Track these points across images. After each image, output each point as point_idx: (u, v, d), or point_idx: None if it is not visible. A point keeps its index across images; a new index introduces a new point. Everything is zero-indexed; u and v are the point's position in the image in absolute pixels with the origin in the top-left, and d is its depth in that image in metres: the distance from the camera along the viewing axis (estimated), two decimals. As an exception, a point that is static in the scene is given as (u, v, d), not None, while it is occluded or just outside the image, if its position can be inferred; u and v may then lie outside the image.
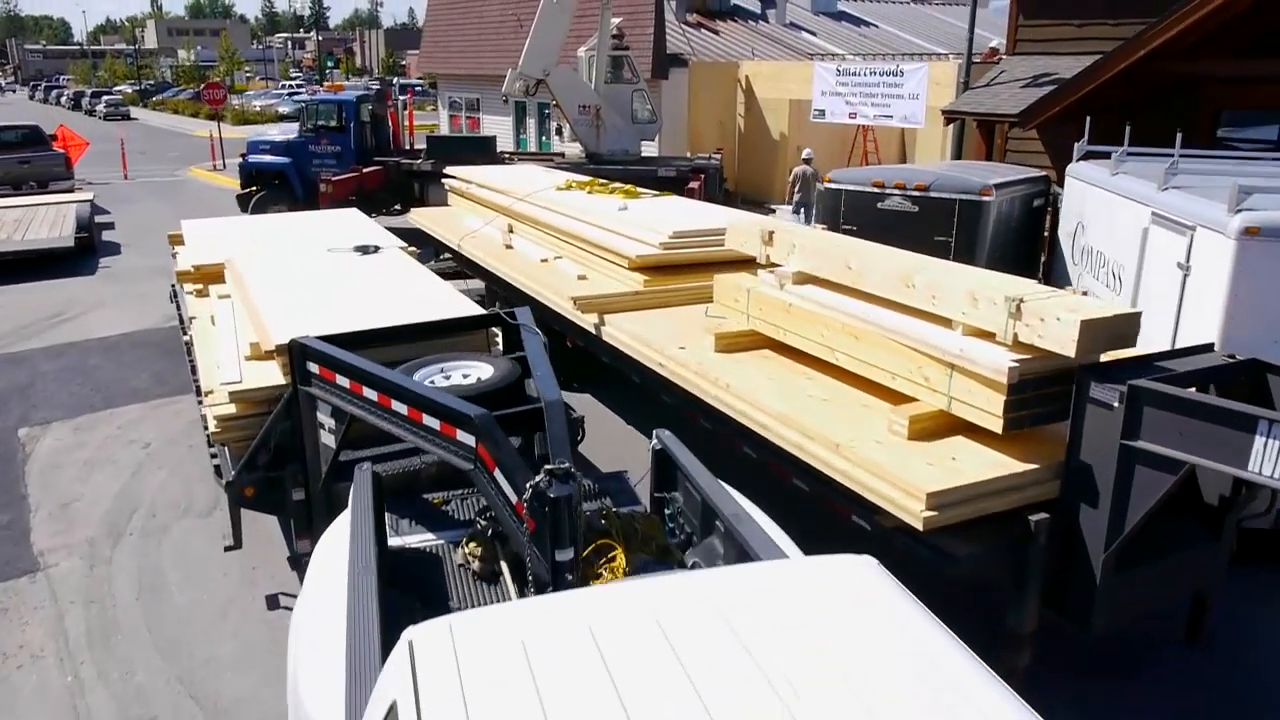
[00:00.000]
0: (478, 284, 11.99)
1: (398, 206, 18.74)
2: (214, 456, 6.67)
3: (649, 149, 19.34)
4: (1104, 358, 5.16)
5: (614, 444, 9.10)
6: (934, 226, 10.10)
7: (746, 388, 6.36)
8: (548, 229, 10.83)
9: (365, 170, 17.47)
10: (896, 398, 5.89)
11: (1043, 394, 5.22)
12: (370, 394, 5.25)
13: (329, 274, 8.22)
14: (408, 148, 19.69)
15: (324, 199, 16.29)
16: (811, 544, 4.22)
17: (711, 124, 22.35)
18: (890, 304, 6.03)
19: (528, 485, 4.13)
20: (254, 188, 18.44)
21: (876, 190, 10.36)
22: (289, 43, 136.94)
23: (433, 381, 5.51)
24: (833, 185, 10.67)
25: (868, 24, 30.12)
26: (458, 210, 13.99)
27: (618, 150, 18.08)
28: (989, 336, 5.32)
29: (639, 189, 11.82)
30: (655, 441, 5.56)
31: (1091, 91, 12.40)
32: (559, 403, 4.77)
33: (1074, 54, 14.52)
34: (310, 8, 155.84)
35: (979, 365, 5.20)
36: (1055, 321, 4.93)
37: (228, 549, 6.30)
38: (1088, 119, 10.65)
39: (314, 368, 5.72)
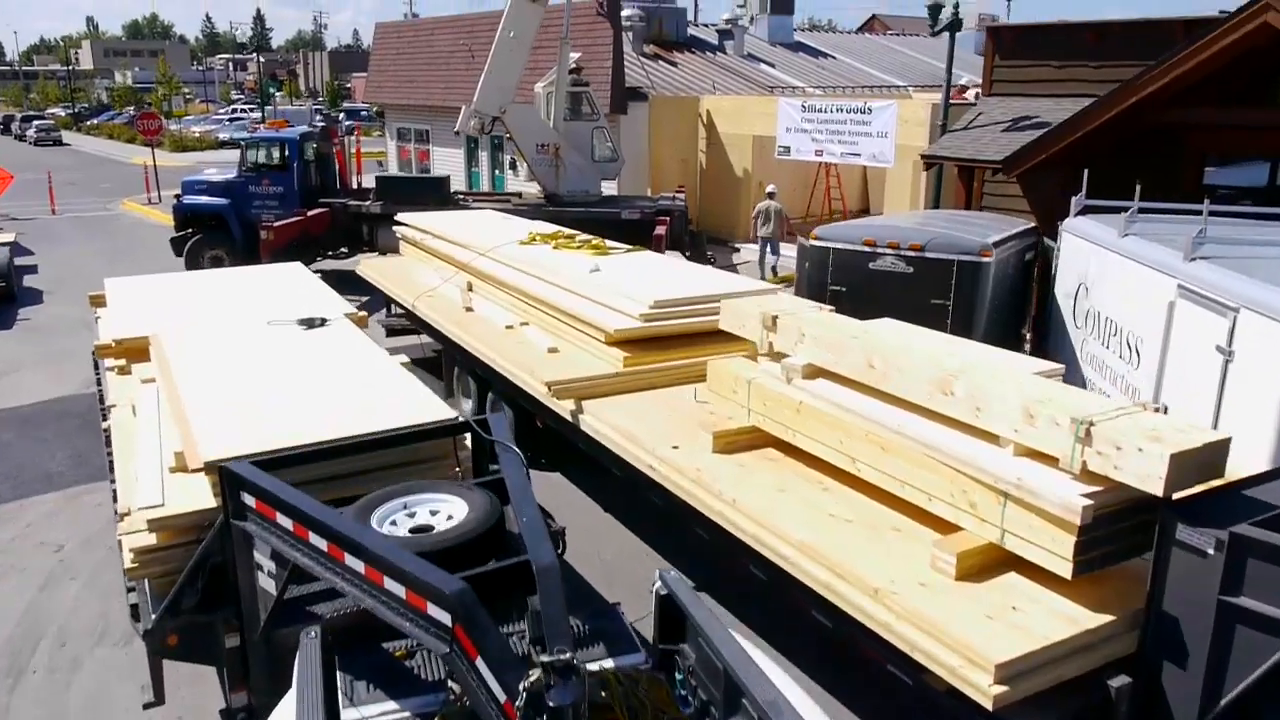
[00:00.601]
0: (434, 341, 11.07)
1: (344, 250, 17.72)
2: (131, 591, 5.66)
3: (609, 188, 18.55)
4: (1186, 489, 4.43)
5: (592, 537, 8.24)
6: (930, 289, 9.42)
7: (757, 505, 5.54)
8: (512, 290, 9.96)
9: (309, 214, 16.43)
10: (932, 519, 5.12)
11: (1117, 530, 4.48)
12: (319, 541, 4.34)
13: (269, 357, 7.24)
14: (355, 187, 18.67)
15: (265, 247, 15.23)
16: (836, 684, 3.40)
17: (672, 160, 21.67)
18: (922, 409, 5.27)
19: (521, 686, 3.28)
20: (189, 230, 17.29)
21: (868, 250, 9.65)
22: (230, 64, 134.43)
23: (394, 523, 4.60)
24: (820, 243, 9.94)
25: (825, 55, 29.78)
26: (410, 261, 13.05)
27: (578, 191, 17.27)
28: (1048, 460, 4.57)
29: (608, 243, 11.00)
30: (659, 584, 4.71)
31: (1078, 139, 11.89)
32: (554, 568, 3.90)
33: (1053, 96, 14.07)
34: (253, 29, 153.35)
35: (1042, 499, 4.43)
36: (1136, 453, 4.18)
37: (147, 706, 5.30)
38: (1085, 172, 10.11)
39: (250, 499, 4.78)
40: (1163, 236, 8.19)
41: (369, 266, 12.95)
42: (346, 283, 16.74)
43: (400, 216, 13.56)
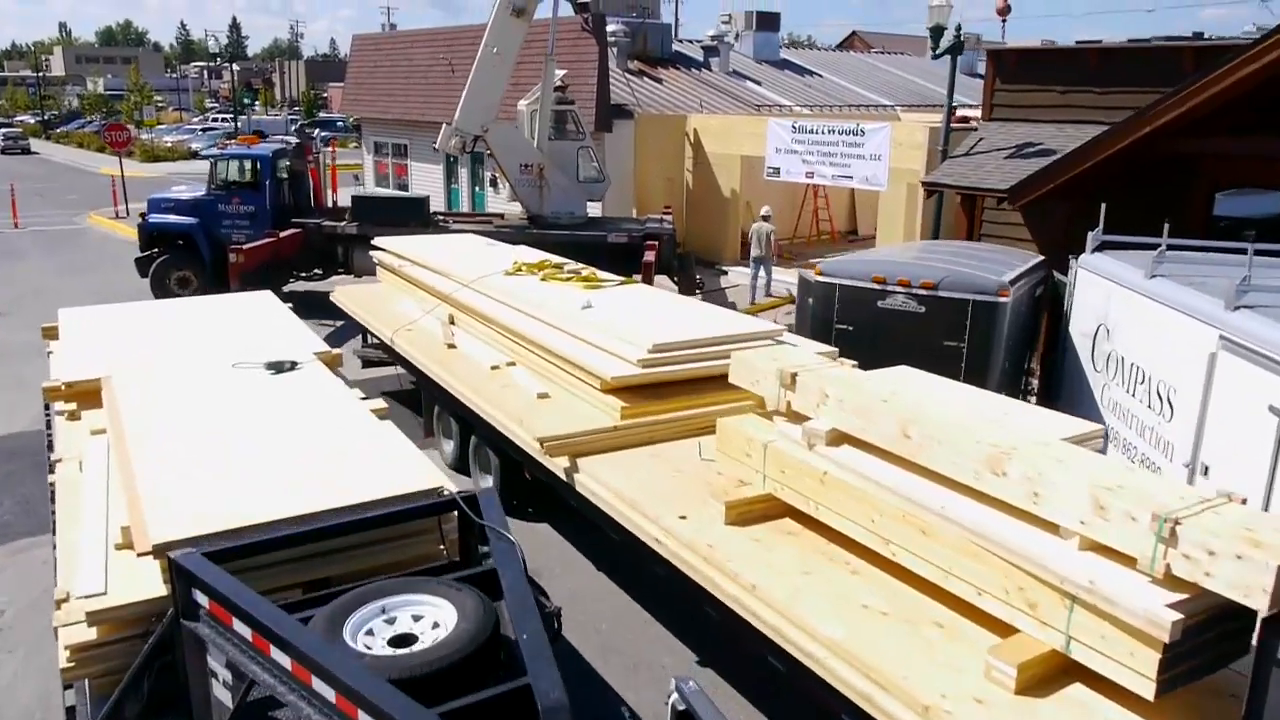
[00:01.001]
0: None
1: (319, 272, 17.01)
2: (68, 689, 4.97)
3: (593, 209, 17.95)
4: None
5: (585, 601, 7.60)
6: (943, 330, 8.88)
7: (779, 591, 4.94)
8: (497, 326, 9.33)
9: (282, 234, 15.71)
10: (980, 614, 4.55)
11: (1203, 641, 3.91)
12: (281, 657, 3.70)
13: (231, 410, 6.56)
14: (331, 206, 17.97)
15: (234, 270, 14.50)
16: None
17: (658, 180, 21.12)
18: (968, 487, 4.69)
19: None
20: (155, 250, 16.52)
21: (876, 287, 9.10)
22: (205, 72, 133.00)
23: (371, 632, 3.95)
24: (826, 279, 9.38)
25: (811, 73, 29.38)
26: (388, 289, 12.39)
27: (563, 212, 16.66)
28: (1122, 558, 4.00)
29: (599, 274, 10.40)
30: (675, 697, 4.12)
31: (1088, 169, 11.43)
32: (563, 708, 3.27)
33: (1056, 122, 13.63)
34: (228, 36, 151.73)
35: (1119, 607, 3.86)
36: (1233, 560, 3.61)
37: (83, 826, 4.61)
38: (1102, 206, 9.59)
39: (203, 597, 4.14)
40: (1196, 279, 7.69)
41: (344, 295, 12.27)
42: (320, 306, 16.06)
43: (378, 241, 12.90)
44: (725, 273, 20.26)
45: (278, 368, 7.54)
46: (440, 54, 25.37)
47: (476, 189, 25.27)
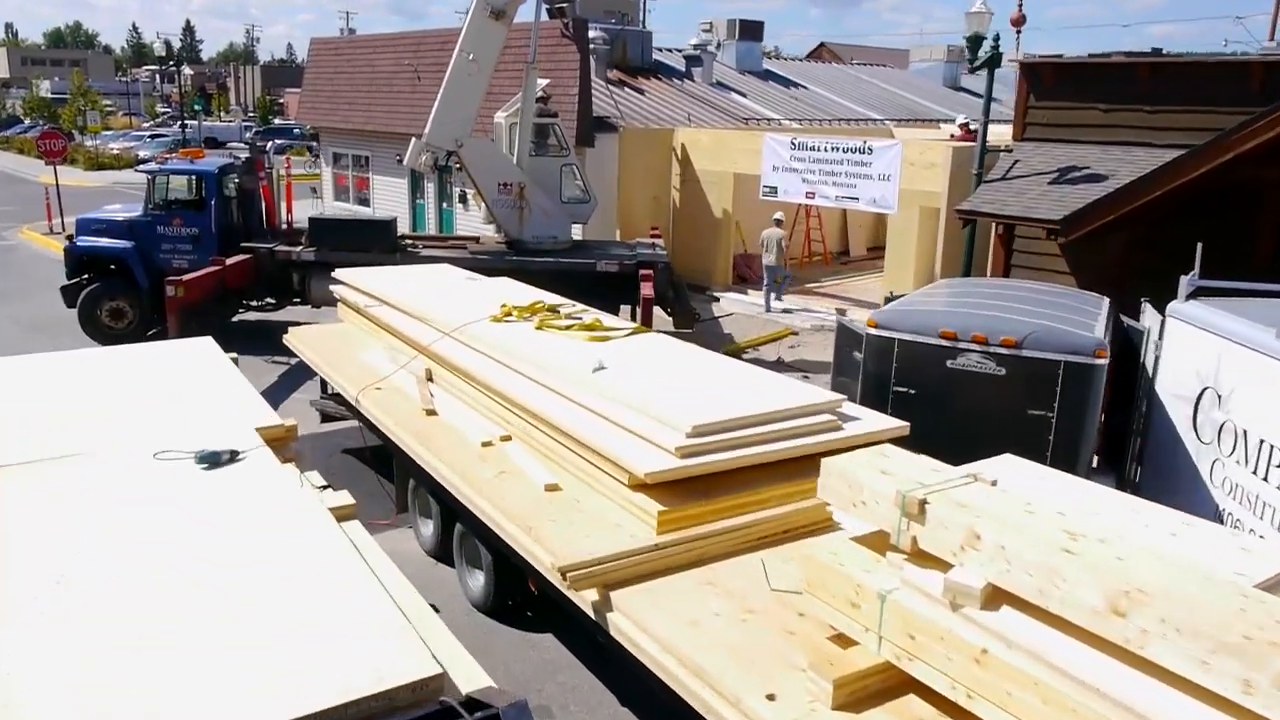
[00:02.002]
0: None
1: (271, 301, 15.23)
2: None
3: (576, 231, 16.35)
4: None
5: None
6: (1027, 396, 7.41)
7: None
8: (487, 390, 7.71)
9: (229, 261, 13.91)
10: None
11: None
12: None
13: (147, 532, 4.88)
14: (285, 227, 16.18)
15: (172, 305, 12.68)
16: None
17: (644, 199, 19.58)
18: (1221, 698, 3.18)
19: None
20: (86, 277, 14.63)
21: (946, 344, 7.61)
22: (157, 76, 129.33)
23: None
24: (881, 332, 7.88)
25: (796, 85, 28.04)
26: (352, 330, 10.70)
27: (545, 236, 15.04)
28: None
29: (604, 320, 8.82)
30: None
31: (1155, 198, 10.08)
32: None
33: (1101, 143, 12.30)
34: (181, 40, 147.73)
35: None
36: None
37: None
38: (1198, 246, 8.20)
39: None
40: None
41: (299, 338, 10.54)
42: (273, 339, 14.31)
43: (340, 274, 11.21)
44: (717, 299, 18.76)
45: (212, 460, 5.85)
46: (405, 60, 23.64)
47: (444, 205, 23.55)
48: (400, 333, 9.35)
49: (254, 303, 15.18)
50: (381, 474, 9.60)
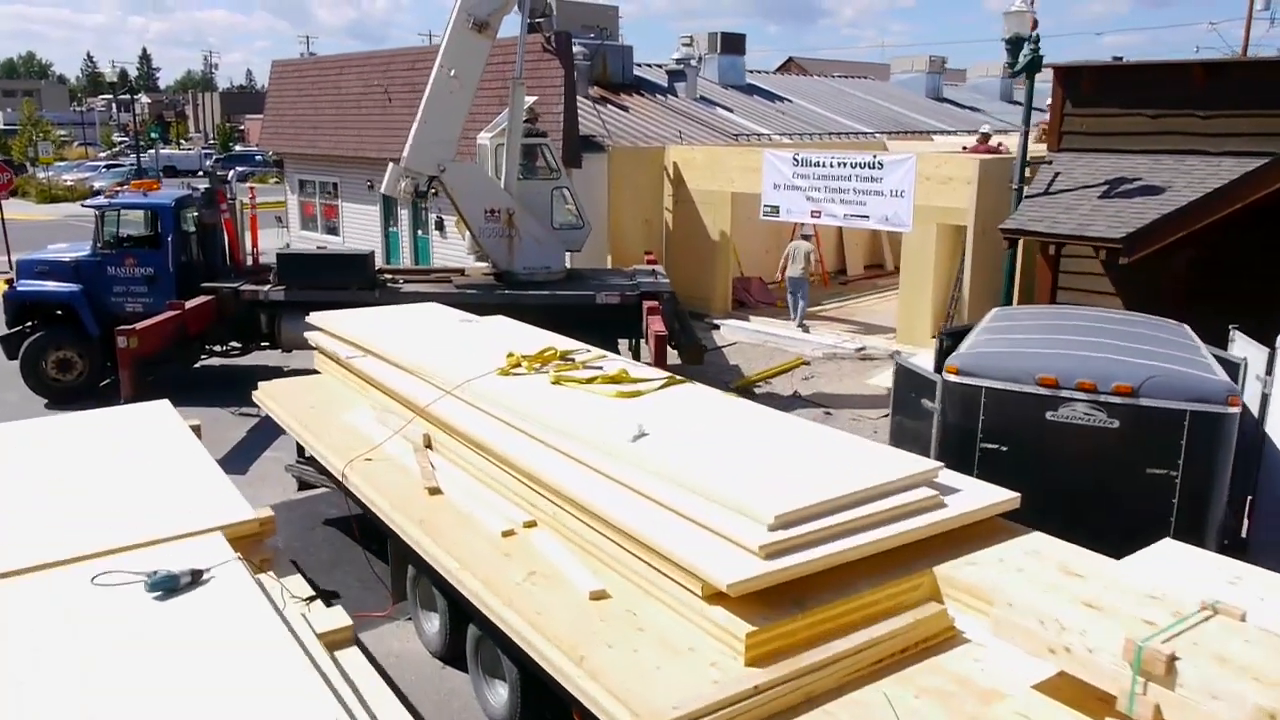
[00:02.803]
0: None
1: (237, 346, 13.84)
2: None
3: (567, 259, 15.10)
4: None
5: None
6: (1146, 453, 6.26)
7: None
8: (501, 462, 6.45)
9: (189, 304, 12.50)
10: None
11: None
12: None
13: (67, 700, 3.59)
14: (250, 264, 14.79)
15: (124, 358, 11.27)
16: None
17: (635, 222, 18.39)
18: None
19: None
20: (28, 325, 13.16)
21: (1045, 392, 6.45)
22: (114, 105, 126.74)
23: None
24: (965, 380, 6.70)
25: (781, 99, 27.03)
26: (331, 384, 9.38)
27: (537, 267, 13.79)
28: None
29: (630, 368, 7.59)
30: None
31: (1230, 213, 9.03)
32: None
33: (1150, 152, 11.27)
34: (138, 68, 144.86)
35: None
36: None
37: None
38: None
39: None
40: None
41: (271, 395, 9.19)
42: (241, 384, 13.00)
43: (315, 318, 9.90)
44: (717, 327, 17.58)
45: (168, 586, 4.56)
46: (374, 81, 22.36)
47: (419, 233, 22.22)
48: (391, 390, 8.05)
49: (218, 347, 13.78)
50: (373, 551, 8.28)
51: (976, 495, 5.64)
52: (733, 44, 27.18)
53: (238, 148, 77.97)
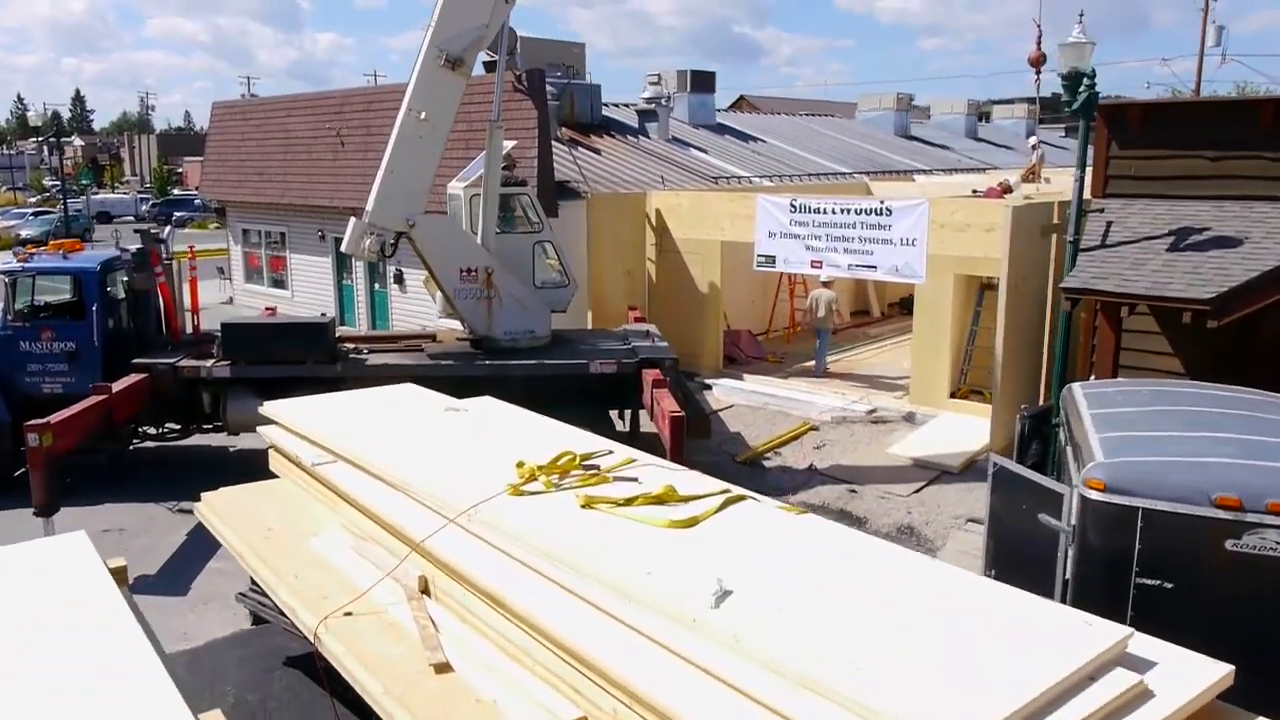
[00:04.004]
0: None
1: (175, 428, 12.06)
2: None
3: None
4: None
5: None
6: (1365, 596, 4.91)
7: None
8: (529, 627, 4.89)
9: (117, 387, 10.70)
10: None
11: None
12: None
13: None
14: (190, 332, 13.01)
15: (35, 460, 9.42)
16: None
17: (616, 274, 16.95)
18: None
19: None
20: (-75, 410, 11.28)
21: (1227, 516, 5.07)
22: (46, 148, 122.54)
23: None
24: (1115, 499, 5.31)
25: (754, 138, 25.92)
26: (292, 493, 7.70)
27: (520, 332, 12.26)
28: None
29: (679, 489, 6.07)
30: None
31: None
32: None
33: (1212, 198, 10.11)
34: (71, 109, 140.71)
35: None
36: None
37: None
38: None
39: None
40: None
41: (218, 511, 7.47)
42: (181, 469, 11.23)
43: (271, 409, 8.23)
44: (709, 387, 16.14)
45: None
46: (326, 123, 20.75)
47: (376, 287, 20.57)
48: (372, 511, 6.43)
49: (152, 430, 12.00)
50: (345, 702, 6.61)
51: (1182, 672, 4.20)
52: (703, 82, 26.08)
53: (175, 191, 75.42)
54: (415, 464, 6.56)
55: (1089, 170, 10.71)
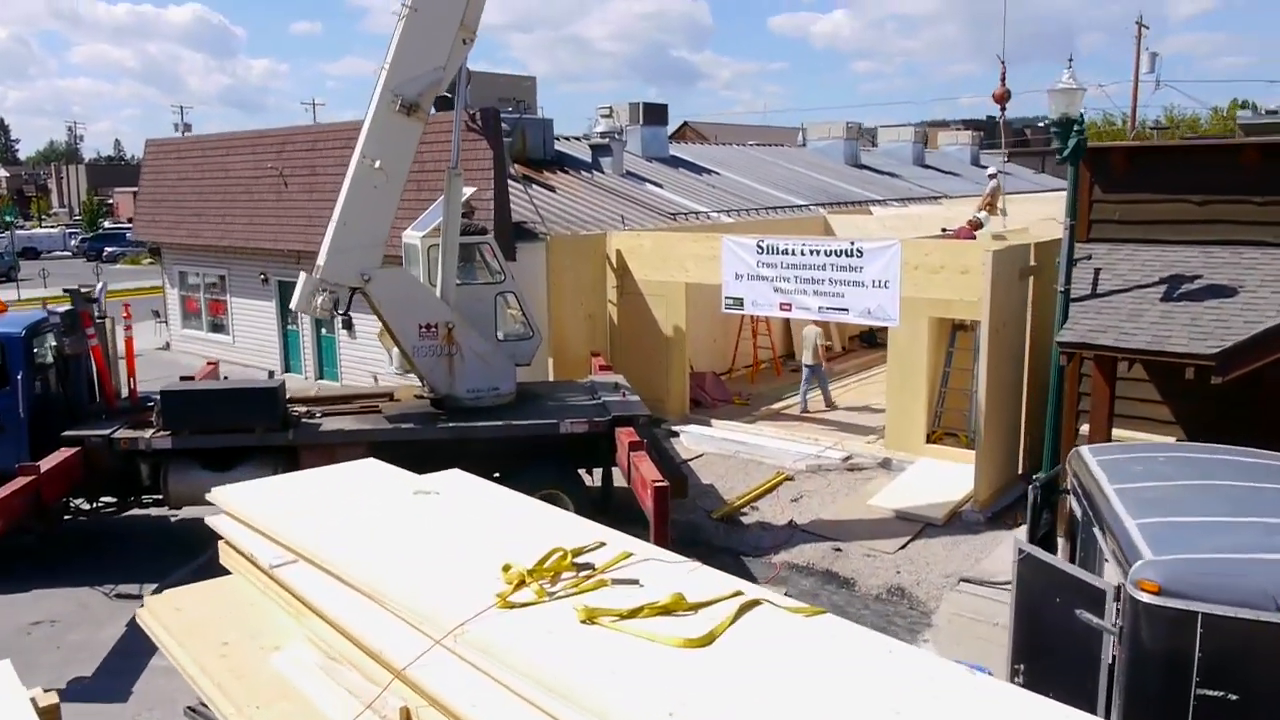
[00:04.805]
0: None
1: (112, 502, 11.18)
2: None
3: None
4: None
5: None
6: None
7: None
8: (538, 781, 4.27)
9: (45, 465, 9.80)
10: None
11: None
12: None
13: None
14: (127, 396, 12.11)
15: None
16: None
17: (577, 318, 16.36)
18: None
19: None
20: None
21: (1295, 623, 4.65)
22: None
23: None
24: (1172, 602, 4.86)
25: (708, 171, 25.59)
26: (247, 593, 6.96)
27: (484, 390, 11.62)
28: None
29: (687, 595, 5.50)
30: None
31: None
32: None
33: (1199, 243, 9.89)
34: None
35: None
36: None
37: None
38: None
39: None
40: None
41: (163, 619, 6.70)
42: (114, 545, 10.42)
43: (219, 496, 7.48)
44: (676, 434, 15.61)
45: None
46: (266, 162, 19.91)
47: (323, 333, 19.71)
48: (343, 627, 5.74)
49: (86, 505, 11.09)
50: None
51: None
52: (655, 115, 25.72)
53: (106, 224, 73.06)
54: (389, 566, 5.89)
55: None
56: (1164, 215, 10.07)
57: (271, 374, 13.88)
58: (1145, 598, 4.93)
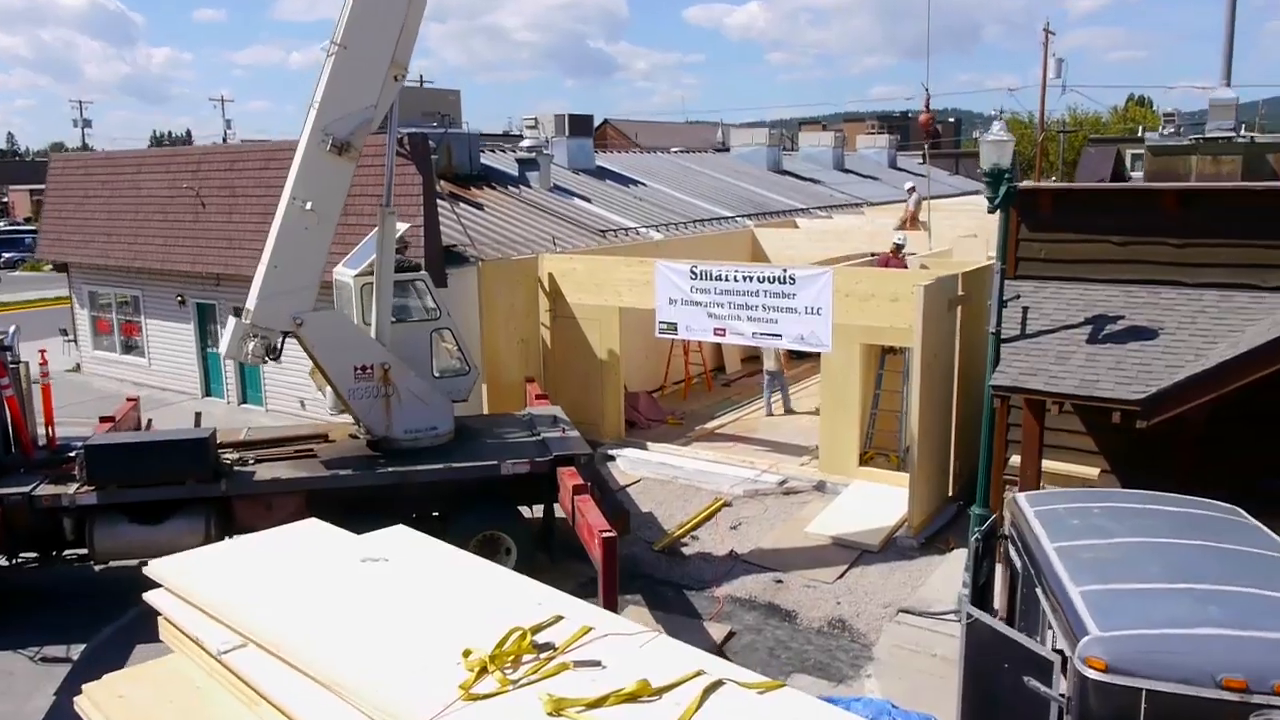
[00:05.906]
0: None
1: (33, 558, 10.74)
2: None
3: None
4: None
5: None
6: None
7: None
8: None
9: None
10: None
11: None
12: None
13: None
14: (44, 444, 11.63)
15: None
16: None
17: (509, 344, 16.23)
18: None
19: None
20: None
21: (1233, 697, 4.89)
22: None
23: None
24: (1118, 680, 5.06)
25: (634, 182, 25.61)
26: (191, 674, 6.76)
27: (422, 430, 11.48)
28: None
29: (652, 680, 5.52)
30: None
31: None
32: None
33: (1120, 282, 10.30)
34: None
35: None
36: None
37: None
38: None
39: None
40: None
41: (104, 709, 6.48)
42: (39, 601, 10.03)
43: (155, 572, 7.24)
44: (612, 458, 15.63)
45: None
46: (184, 182, 19.28)
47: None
48: (293, 716, 5.63)
49: (5, 562, 10.63)
50: None
51: None
52: (581, 126, 25.65)
53: (2, 223, 69.80)
54: (343, 652, 5.79)
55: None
56: (1087, 255, 10.45)
57: (199, 416, 13.41)
58: (1092, 674, 5.13)
